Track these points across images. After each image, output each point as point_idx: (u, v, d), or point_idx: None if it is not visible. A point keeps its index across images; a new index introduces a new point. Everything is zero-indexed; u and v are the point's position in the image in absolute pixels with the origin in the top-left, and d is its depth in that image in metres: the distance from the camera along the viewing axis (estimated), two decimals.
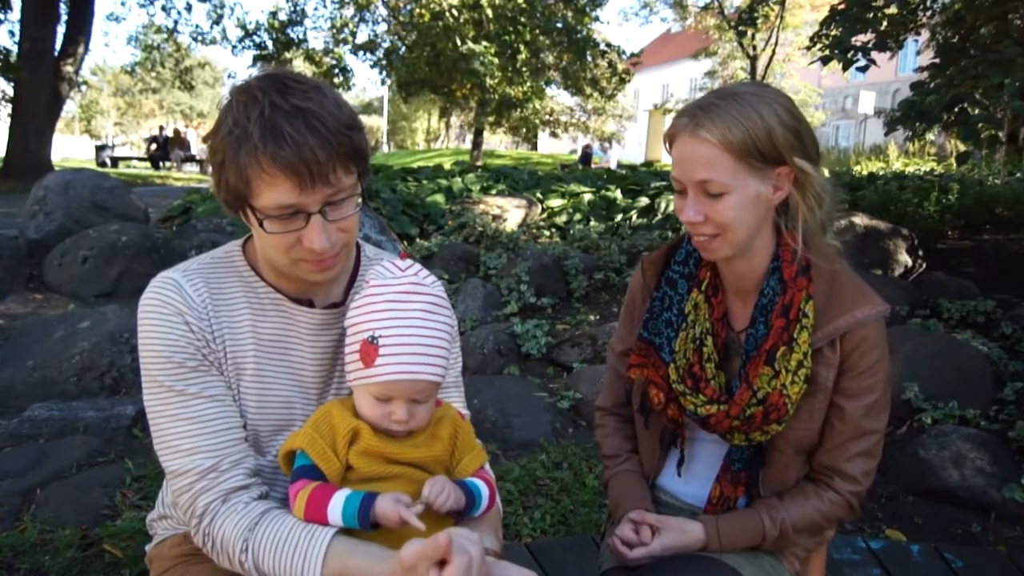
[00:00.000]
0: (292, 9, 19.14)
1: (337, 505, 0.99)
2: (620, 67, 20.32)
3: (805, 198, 1.19)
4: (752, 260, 1.23)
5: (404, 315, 1.03)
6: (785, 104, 1.17)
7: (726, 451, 1.28)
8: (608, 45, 19.88)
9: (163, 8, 18.08)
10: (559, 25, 18.94)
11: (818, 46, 6.60)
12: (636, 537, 1.24)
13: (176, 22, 18.42)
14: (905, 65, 24.62)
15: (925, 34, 7.25)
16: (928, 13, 6.65)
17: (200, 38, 18.85)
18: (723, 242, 1.18)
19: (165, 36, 18.75)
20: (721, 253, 1.20)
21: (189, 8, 18.82)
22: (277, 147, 0.96)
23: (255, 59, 18.79)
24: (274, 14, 18.99)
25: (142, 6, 18.24)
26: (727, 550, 1.24)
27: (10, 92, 14.05)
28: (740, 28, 10.03)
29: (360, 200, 1.07)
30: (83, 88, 21.83)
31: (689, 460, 1.36)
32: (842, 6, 6.29)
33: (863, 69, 6.27)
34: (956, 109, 5.13)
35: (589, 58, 19.62)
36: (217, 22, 18.69)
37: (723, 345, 1.27)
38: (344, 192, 1.03)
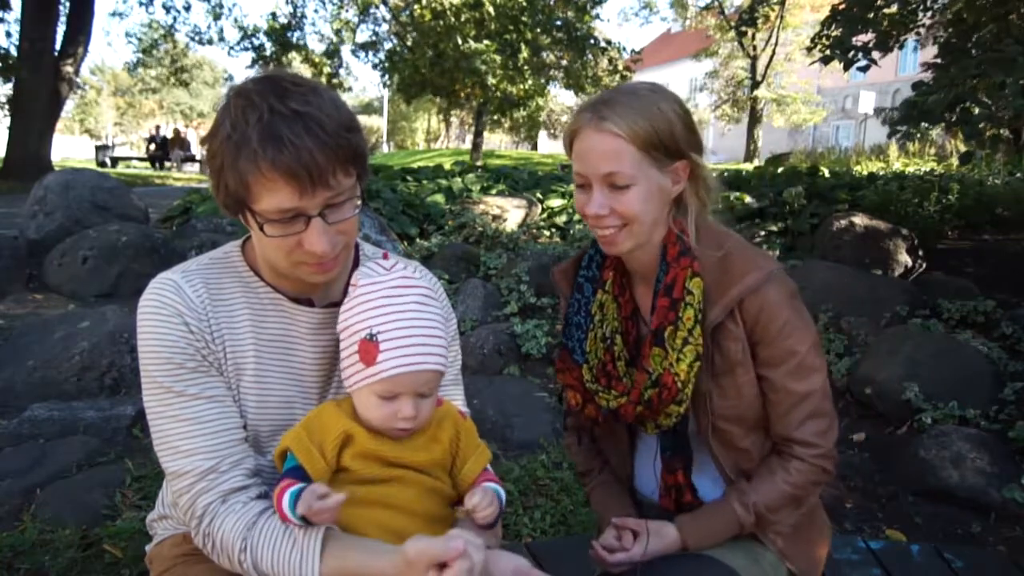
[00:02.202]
0: (291, 12, 19.14)
1: (286, 504, 0.97)
2: (620, 65, 20.33)
3: (697, 190, 1.25)
4: (650, 251, 1.26)
5: (399, 309, 1.03)
6: (679, 101, 1.23)
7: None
8: (608, 43, 19.88)
9: (164, 6, 18.09)
10: (559, 23, 18.93)
11: (818, 47, 6.60)
12: (617, 543, 1.24)
13: (175, 19, 18.43)
14: (905, 65, 24.63)
15: (924, 32, 7.25)
16: (928, 13, 6.65)
17: (198, 37, 18.84)
18: (628, 234, 1.21)
19: (163, 33, 18.73)
20: (625, 246, 1.22)
21: (188, 7, 18.82)
22: (277, 152, 0.96)
23: (254, 61, 18.79)
24: (273, 15, 18.99)
25: (142, 4, 18.23)
26: (707, 546, 1.23)
27: (10, 92, 14.05)
28: (741, 28, 10.02)
29: (359, 202, 1.07)
30: (81, 88, 21.78)
31: (645, 458, 1.37)
32: (842, 6, 6.29)
33: (864, 69, 6.27)
34: (958, 108, 5.13)
35: (589, 56, 19.61)
36: (217, 18, 18.67)
37: (635, 341, 1.29)
38: (344, 194, 1.03)
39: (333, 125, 0.99)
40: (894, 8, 6.23)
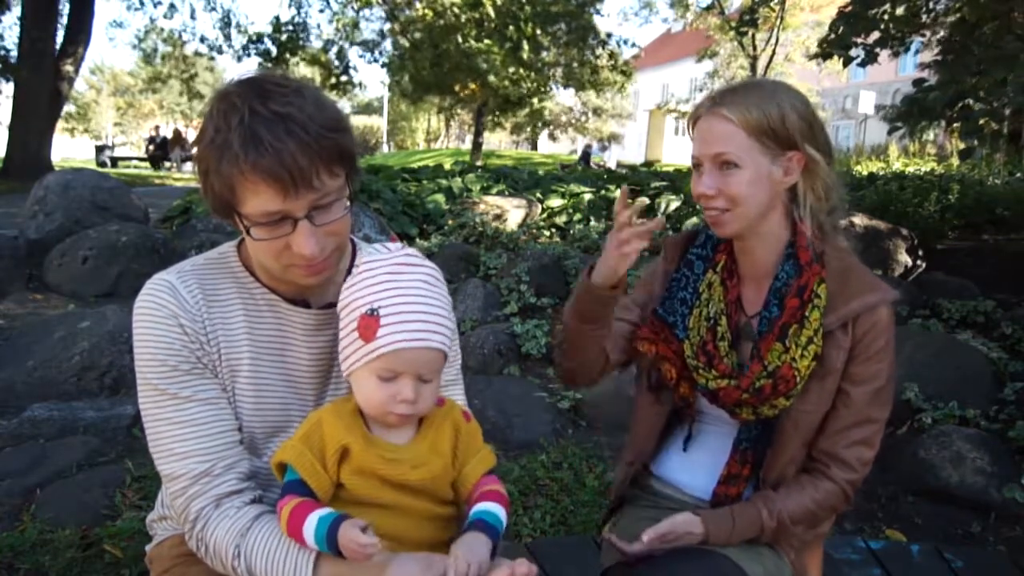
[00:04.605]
0: (295, 14, 19.12)
1: (310, 528, 0.94)
2: (620, 60, 20.31)
3: (813, 186, 1.28)
4: (766, 244, 1.29)
5: (403, 284, 1.00)
6: (802, 98, 1.27)
7: (734, 437, 1.32)
8: (608, 35, 19.87)
9: (165, 16, 18.08)
10: (559, 20, 18.90)
11: (817, 44, 6.61)
12: (647, 535, 1.24)
13: (181, 31, 18.42)
14: (905, 66, 24.58)
15: (928, 34, 7.25)
16: (931, 15, 6.65)
17: (211, 49, 18.79)
18: (733, 217, 1.25)
19: (166, 38, 18.68)
20: (731, 228, 1.26)
21: (193, 15, 18.80)
22: (258, 155, 0.95)
23: (260, 65, 18.74)
24: (277, 18, 18.97)
25: (139, 8, 18.19)
26: (726, 543, 1.24)
27: (11, 92, 14.05)
28: (741, 29, 10.00)
29: (349, 202, 1.06)
30: (79, 88, 21.69)
31: (697, 451, 1.39)
32: (849, 8, 6.29)
33: (864, 64, 6.28)
34: (959, 106, 5.14)
35: (589, 54, 19.58)
36: (227, 36, 18.64)
37: (735, 328, 1.31)
38: (331, 195, 1.02)
39: (315, 126, 0.98)
40: (900, 10, 6.24)
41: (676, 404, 1.36)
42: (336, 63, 19.80)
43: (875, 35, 6.34)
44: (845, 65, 6.25)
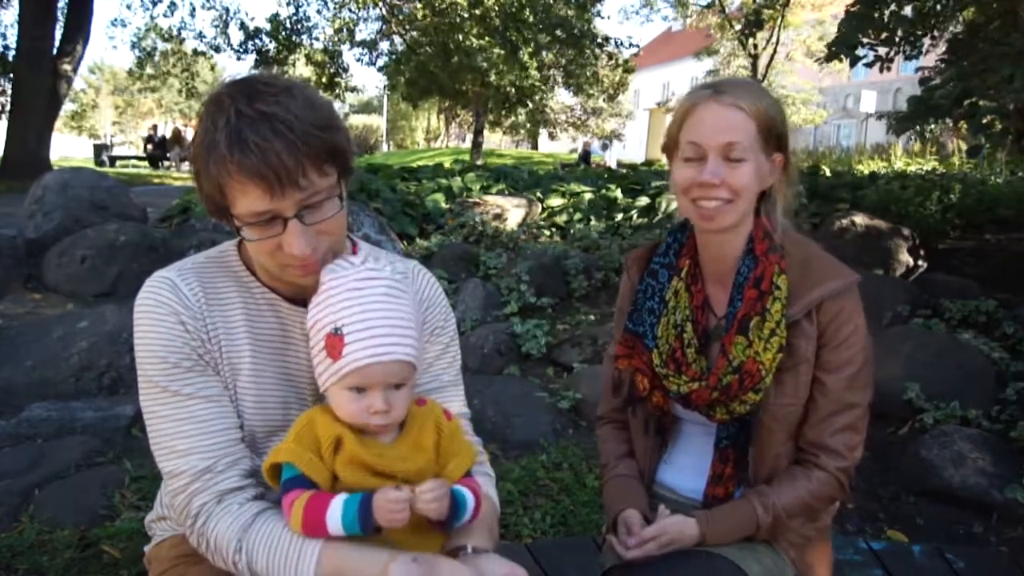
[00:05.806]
0: (294, 12, 19.09)
1: (336, 512, 0.96)
2: (620, 60, 20.27)
3: (784, 187, 1.29)
4: (732, 240, 1.28)
5: (364, 301, 1.01)
6: (780, 103, 1.28)
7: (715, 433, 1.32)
8: (605, 39, 19.84)
9: (164, 15, 18.05)
10: (558, 22, 18.86)
11: (825, 44, 6.60)
12: (634, 539, 1.25)
13: (180, 28, 18.39)
14: (907, 65, 24.60)
15: (938, 35, 7.23)
16: (939, 18, 6.63)
17: (210, 47, 18.76)
18: (731, 209, 1.23)
19: (167, 38, 18.64)
20: (727, 220, 1.24)
21: (193, 13, 18.75)
22: (243, 155, 0.96)
23: (257, 63, 18.72)
24: (276, 16, 18.95)
25: (146, 10, 18.18)
26: (723, 542, 1.24)
27: (9, 91, 14.04)
28: (746, 31, 10.00)
29: (341, 201, 1.06)
30: (74, 89, 21.62)
31: (683, 453, 1.39)
32: (855, 7, 6.28)
33: (871, 65, 6.27)
34: (966, 103, 5.14)
35: (588, 54, 19.54)
36: (225, 32, 18.61)
37: (704, 331, 1.31)
38: (320, 194, 1.02)
39: (302, 125, 0.98)
40: (906, 10, 6.22)
41: (651, 413, 1.36)
42: (330, 63, 19.77)
43: (882, 36, 6.32)
44: (852, 66, 6.24)
